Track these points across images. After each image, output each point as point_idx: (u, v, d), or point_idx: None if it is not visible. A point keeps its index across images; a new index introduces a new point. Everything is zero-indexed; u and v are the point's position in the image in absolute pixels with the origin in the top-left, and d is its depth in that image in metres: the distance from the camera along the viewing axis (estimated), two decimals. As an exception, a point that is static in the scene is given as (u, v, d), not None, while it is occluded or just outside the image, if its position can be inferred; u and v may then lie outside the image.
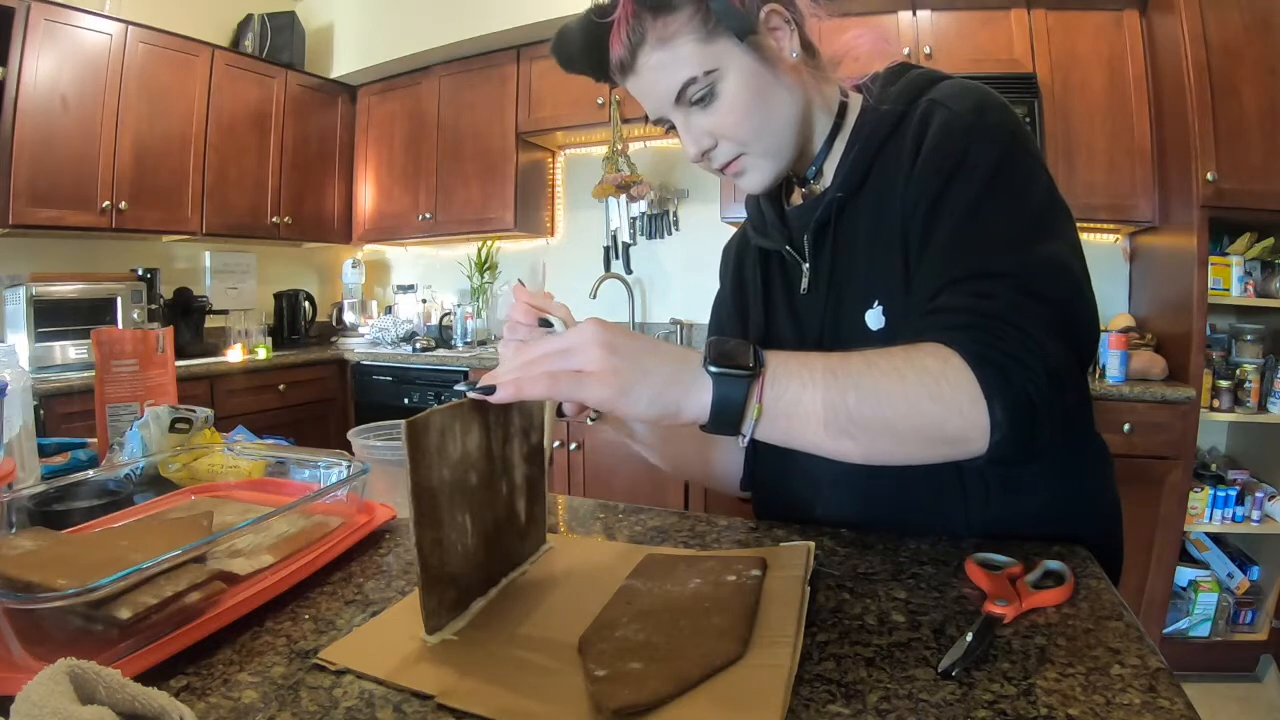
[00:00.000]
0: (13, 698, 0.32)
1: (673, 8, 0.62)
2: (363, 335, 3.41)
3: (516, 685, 0.44)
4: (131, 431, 0.92)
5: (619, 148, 2.75)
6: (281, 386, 2.85)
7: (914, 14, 2.32)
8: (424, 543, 0.48)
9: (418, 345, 3.00)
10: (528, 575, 0.61)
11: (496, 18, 2.83)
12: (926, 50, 2.29)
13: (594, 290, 2.92)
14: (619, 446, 2.43)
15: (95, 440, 1.02)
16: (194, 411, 0.95)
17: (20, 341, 2.28)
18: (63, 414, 2.08)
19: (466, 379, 0.56)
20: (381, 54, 3.20)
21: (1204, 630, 2.13)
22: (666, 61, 0.64)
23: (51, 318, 2.34)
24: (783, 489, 0.80)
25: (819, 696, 0.42)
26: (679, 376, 0.51)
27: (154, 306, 2.66)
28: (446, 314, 3.26)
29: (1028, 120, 2.18)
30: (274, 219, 3.12)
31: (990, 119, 0.61)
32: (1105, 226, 2.39)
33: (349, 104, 3.47)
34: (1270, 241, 2.07)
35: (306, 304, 3.39)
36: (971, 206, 0.59)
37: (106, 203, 2.50)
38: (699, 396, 0.51)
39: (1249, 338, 2.11)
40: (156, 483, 0.83)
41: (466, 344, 3.15)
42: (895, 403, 0.51)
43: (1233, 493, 2.08)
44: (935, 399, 0.51)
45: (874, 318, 0.67)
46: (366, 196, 3.45)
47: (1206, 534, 2.22)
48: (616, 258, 3.02)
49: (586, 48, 0.67)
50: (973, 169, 0.59)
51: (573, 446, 2.52)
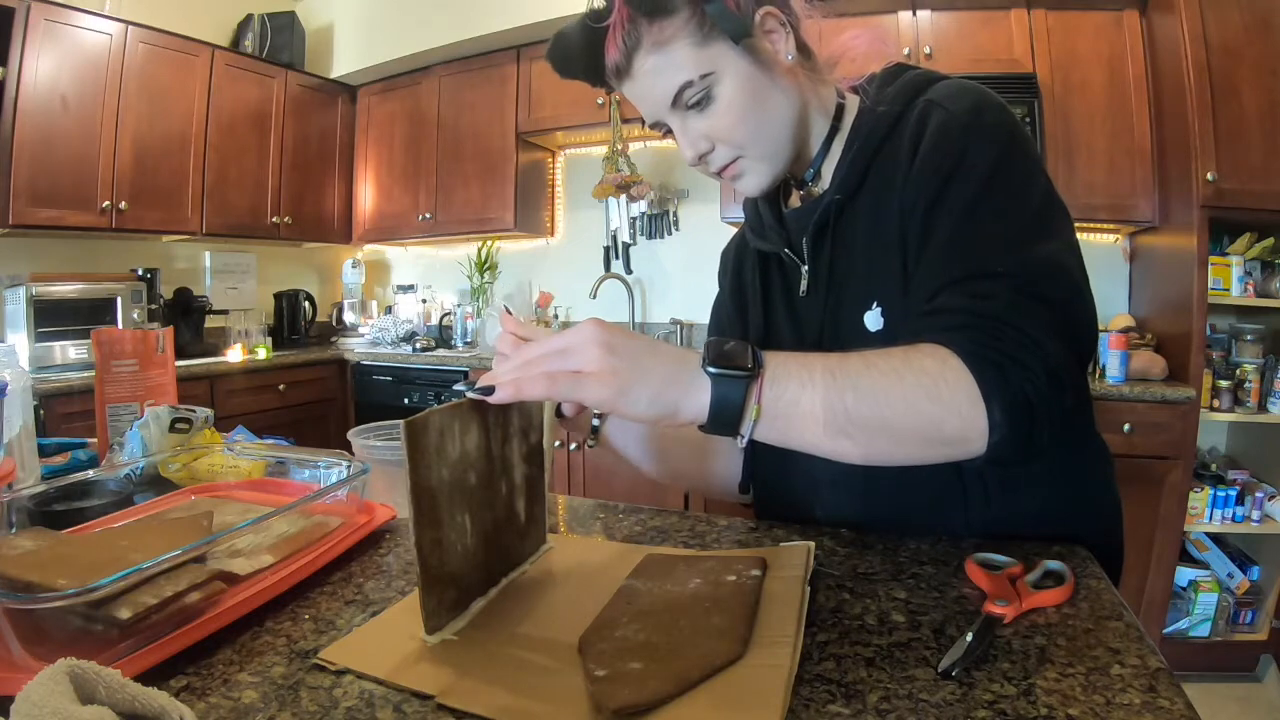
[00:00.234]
0: (13, 698, 0.32)
1: (668, 12, 0.62)
2: (363, 335, 3.41)
3: (516, 685, 0.44)
4: (131, 431, 0.92)
5: (619, 148, 2.75)
6: (281, 386, 2.85)
7: (914, 14, 2.32)
8: (424, 543, 0.48)
9: (418, 345, 3.00)
10: (528, 575, 0.61)
11: (496, 18, 2.83)
12: (926, 50, 2.29)
13: (594, 290, 2.92)
14: (619, 446, 2.44)
15: (95, 440, 1.02)
16: (194, 411, 0.95)
17: (20, 341, 2.28)
18: (63, 414, 2.08)
19: (466, 379, 0.56)
20: (381, 54, 3.20)
21: (1204, 630, 2.13)
22: (662, 66, 0.64)
23: (51, 318, 2.34)
24: (782, 489, 0.80)
25: (819, 696, 0.42)
26: (678, 377, 0.51)
27: (154, 306, 2.66)
28: (446, 314, 3.26)
29: (1027, 120, 2.18)
30: (274, 219, 3.12)
31: (988, 119, 0.61)
32: (1105, 226, 2.39)
33: (349, 104, 3.47)
34: (1270, 241, 2.07)
35: (306, 304, 3.39)
36: (969, 207, 0.59)
37: (106, 203, 2.50)
38: (698, 397, 0.51)
39: (1249, 338, 2.11)
40: (156, 483, 0.82)
41: (466, 344, 3.15)
42: (894, 403, 0.51)
43: (1233, 493, 2.08)
44: (934, 399, 0.51)
45: (873, 319, 0.67)
46: (366, 196, 3.45)
47: (1206, 534, 2.22)
48: (616, 258, 3.02)
49: (582, 53, 0.66)
50: (970, 169, 0.59)
51: (573, 446, 2.52)
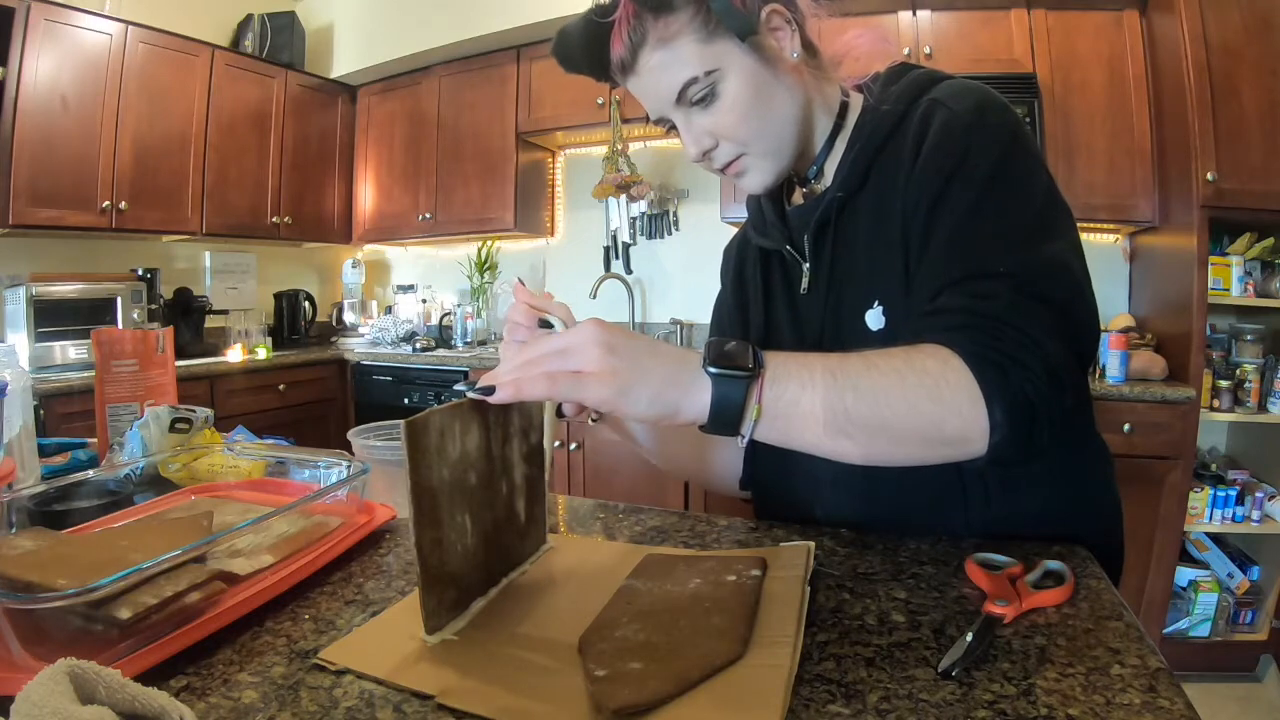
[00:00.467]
0: (13, 698, 0.32)
1: (674, 8, 0.62)
2: (363, 335, 3.41)
3: (516, 685, 0.44)
4: (131, 431, 0.92)
5: (619, 148, 2.75)
6: (281, 386, 2.85)
7: (914, 14, 2.32)
8: (424, 543, 0.48)
9: (418, 345, 3.00)
10: (528, 575, 0.61)
11: (496, 18, 2.83)
12: (926, 50, 2.29)
13: (594, 290, 2.92)
14: (619, 446, 2.44)
15: (95, 440, 1.02)
16: (194, 411, 0.95)
17: (20, 341, 2.28)
18: (63, 414, 2.08)
19: (466, 379, 0.56)
20: (381, 54, 3.20)
21: (1204, 630, 2.13)
22: (667, 61, 0.64)
23: (51, 318, 2.34)
24: (783, 489, 0.79)
25: (819, 696, 0.42)
26: (678, 377, 0.51)
27: (154, 306, 2.66)
28: (446, 314, 3.26)
29: (1028, 120, 2.18)
30: (274, 219, 3.12)
31: (990, 119, 0.62)
32: (1105, 226, 2.39)
33: (349, 104, 3.47)
34: (1270, 241, 2.07)
35: (306, 304, 3.39)
36: (972, 206, 0.59)
37: (106, 203, 2.50)
38: (698, 397, 0.51)
39: (1249, 338, 2.11)
40: (156, 483, 0.82)
41: (466, 344, 3.15)
42: (894, 403, 0.51)
43: (1233, 493, 2.08)
44: (934, 400, 0.51)
45: (874, 318, 0.67)
46: (366, 196, 3.45)
47: (1206, 534, 2.22)
48: (616, 258, 3.02)
49: (587, 48, 0.67)
50: (973, 169, 0.59)
51: (573, 446, 2.52)
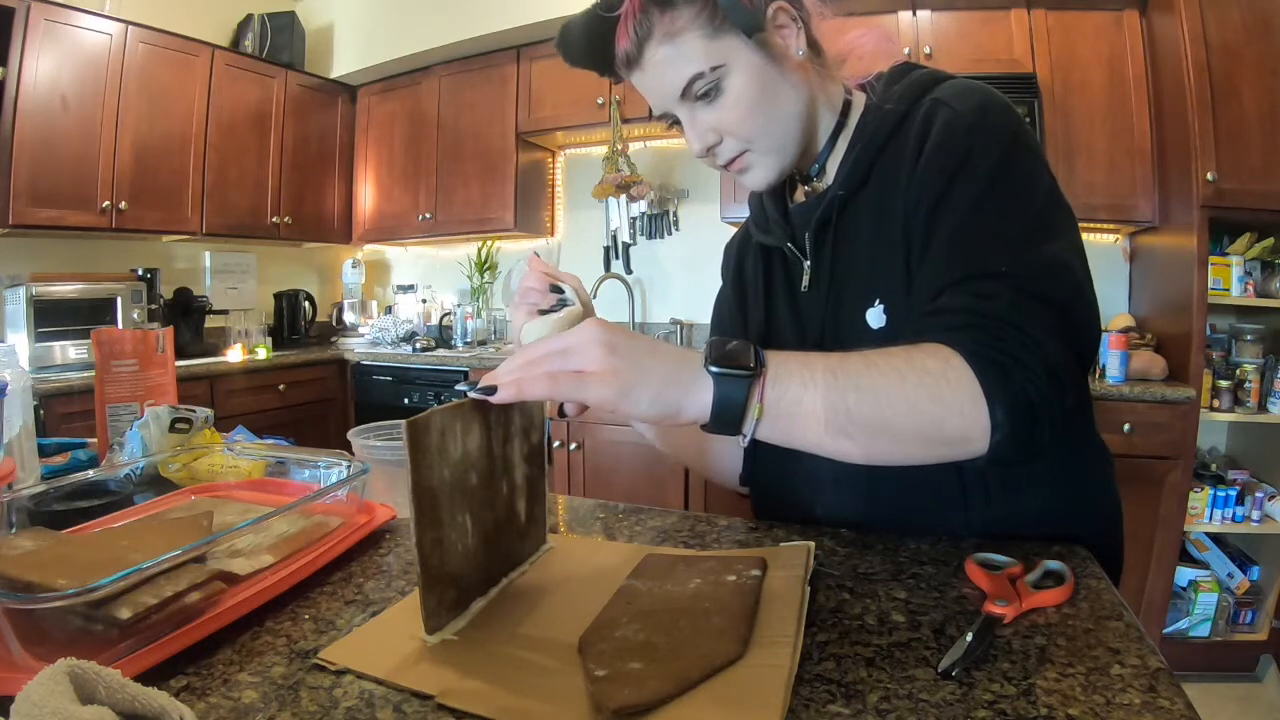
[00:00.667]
0: (13, 698, 0.32)
1: (680, 3, 0.62)
2: (363, 335, 3.41)
3: (516, 685, 0.44)
4: (131, 431, 0.92)
5: (619, 148, 2.75)
6: (281, 386, 2.85)
7: (914, 14, 2.32)
8: (424, 543, 0.48)
9: (418, 345, 3.00)
10: (528, 575, 0.61)
11: (496, 18, 2.83)
12: (926, 50, 2.29)
13: (594, 290, 2.92)
14: (619, 446, 2.44)
15: (95, 440, 1.02)
16: (194, 411, 0.94)
17: (20, 341, 2.28)
18: (63, 414, 2.08)
19: (467, 379, 0.56)
20: (381, 54, 3.20)
21: (1204, 630, 2.13)
22: (673, 56, 0.64)
23: (51, 318, 2.34)
24: (784, 488, 0.80)
25: (819, 696, 0.42)
26: (679, 377, 0.51)
27: (154, 306, 2.66)
28: (446, 314, 3.26)
29: (1028, 120, 2.17)
30: (274, 219, 3.12)
31: (993, 119, 0.62)
32: (1105, 226, 2.39)
33: (349, 104, 3.46)
34: (1270, 241, 2.07)
35: (306, 304, 3.39)
36: (973, 206, 0.59)
37: (106, 203, 2.50)
38: (700, 397, 0.51)
39: (1249, 338, 2.11)
40: (156, 483, 0.82)
41: (466, 344, 3.15)
42: (895, 403, 0.51)
43: (1233, 493, 2.07)
44: (935, 400, 0.51)
45: (875, 316, 0.67)
46: (366, 196, 3.45)
47: (1206, 534, 2.22)
48: (616, 258, 3.02)
49: (592, 41, 0.67)
50: (975, 168, 0.59)
51: (573, 446, 2.52)
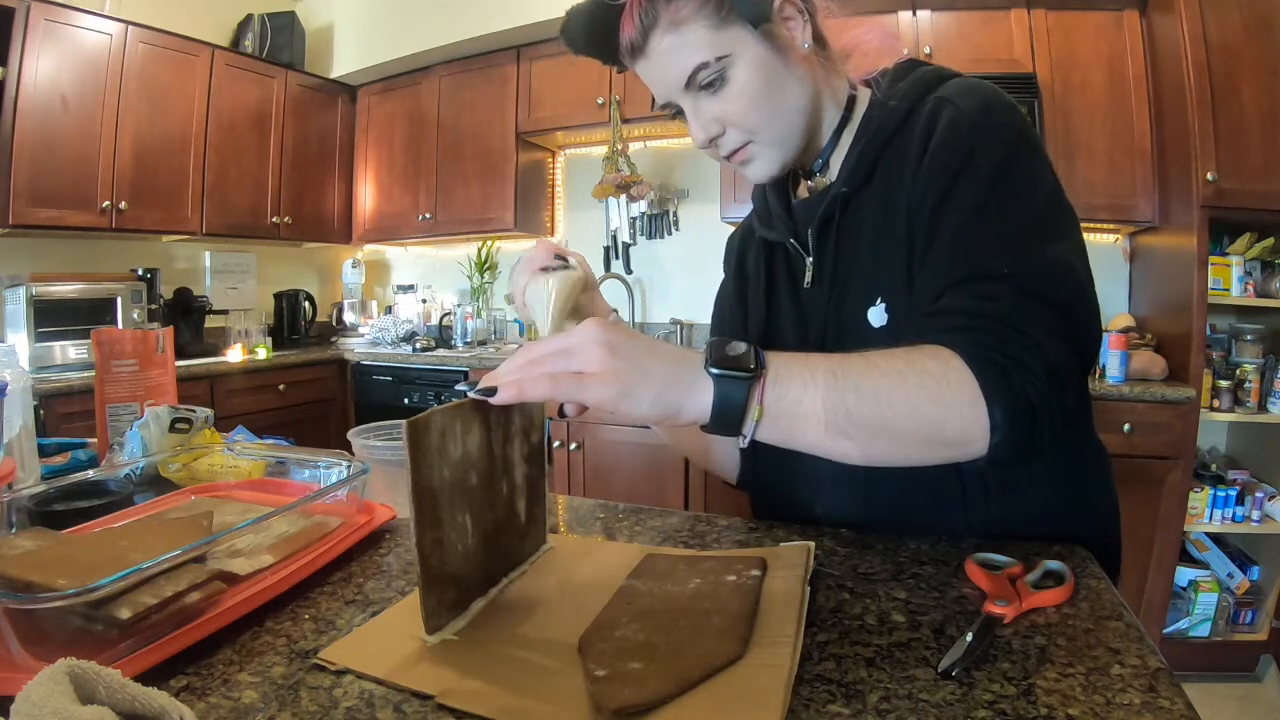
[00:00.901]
0: (13, 698, 0.32)
1: None
2: (363, 335, 3.41)
3: (516, 685, 0.44)
4: (131, 431, 0.92)
5: (619, 148, 2.74)
6: (281, 386, 2.85)
7: (914, 14, 2.32)
8: (424, 543, 0.48)
9: (418, 345, 3.00)
10: (528, 575, 0.61)
11: (496, 18, 2.83)
12: (926, 50, 2.29)
13: (594, 290, 2.92)
14: (619, 446, 2.44)
15: (95, 440, 1.02)
16: (194, 411, 0.94)
17: (20, 341, 2.28)
18: (63, 414, 2.08)
19: (467, 379, 0.56)
20: (381, 54, 3.20)
21: (1204, 630, 2.13)
22: (678, 45, 0.64)
23: (51, 318, 2.34)
24: (784, 488, 0.79)
25: (819, 696, 0.42)
26: (680, 377, 0.51)
27: (154, 306, 2.66)
28: (446, 314, 3.26)
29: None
30: (274, 219, 3.12)
31: (997, 118, 0.61)
32: (1105, 226, 2.39)
33: (349, 104, 3.46)
34: (1270, 241, 2.07)
35: (306, 304, 3.39)
36: (976, 206, 0.59)
37: (106, 203, 2.50)
38: (700, 397, 0.51)
39: (1249, 338, 2.11)
40: (156, 483, 0.82)
41: (466, 344, 3.15)
42: (895, 404, 0.51)
43: (1233, 493, 2.07)
44: (935, 401, 0.51)
45: (876, 314, 0.67)
46: (366, 196, 3.45)
47: (1206, 534, 2.22)
48: (616, 258, 3.02)
49: (596, 29, 0.66)
50: (978, 168, 0.59)
51: (573, 446, 2.52)
